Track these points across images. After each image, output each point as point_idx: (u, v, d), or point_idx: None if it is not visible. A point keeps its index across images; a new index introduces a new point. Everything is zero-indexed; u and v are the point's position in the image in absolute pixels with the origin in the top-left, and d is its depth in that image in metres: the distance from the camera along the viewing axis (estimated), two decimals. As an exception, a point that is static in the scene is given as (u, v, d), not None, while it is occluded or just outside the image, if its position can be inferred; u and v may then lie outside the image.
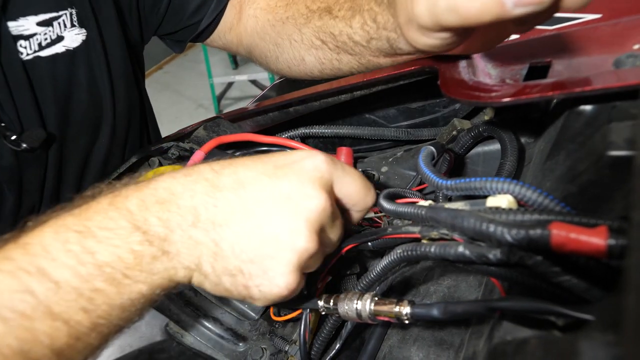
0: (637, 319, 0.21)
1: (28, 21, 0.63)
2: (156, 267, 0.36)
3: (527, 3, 0.34)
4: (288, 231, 0.37)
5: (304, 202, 0.38)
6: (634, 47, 0.41)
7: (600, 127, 0.37)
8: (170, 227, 0.37)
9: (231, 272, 0.37)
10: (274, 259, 0.37)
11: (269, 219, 0.37)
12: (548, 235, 0.30)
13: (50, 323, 0.33)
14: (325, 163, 0.40)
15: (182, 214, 0.37)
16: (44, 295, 0.33)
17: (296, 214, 0.37)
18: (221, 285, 0.38)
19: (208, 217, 0.37)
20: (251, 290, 0.38)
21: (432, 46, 0.46)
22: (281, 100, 0.68)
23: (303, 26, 0.67)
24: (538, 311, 0.32)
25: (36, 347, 0.32)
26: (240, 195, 0.38)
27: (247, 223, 0.37)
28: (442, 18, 0.39)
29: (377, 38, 0.56)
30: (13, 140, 0.63)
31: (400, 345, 0.52)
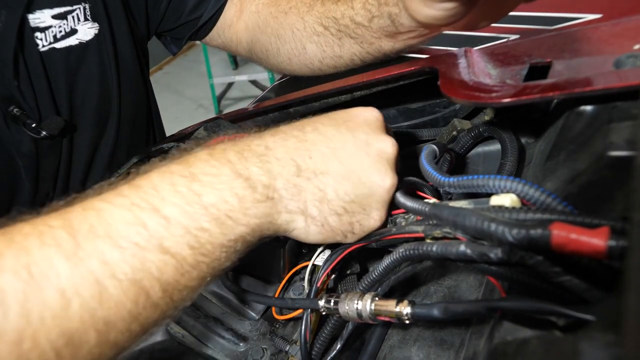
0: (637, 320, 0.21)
1: (44, 14, 0.66)
2: (259, 211, 0.39)
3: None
4: (377, 172, 0.43)
5: (380, 145, 0.44)
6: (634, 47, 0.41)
7: (601, 127, 0.37)
8: (273, 176, 0.40)
9: (337, 212, 0.42)
10: (370, 196, 0.43)
11: (359, 164, 0.43)
12: (549, 236, 0.30)
13: (160, 256, 0.34)
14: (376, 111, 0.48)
15: (282, 165, 0.41)
16: (155, 229, 0.35)
17: (378, 157, 0.44)
18: (327, 226, 0.42)
19: (308, 167, 0.42)
20: (354, 226, 0.43)
21: (434, 18, 0.46)
22: (281, 101, 0.68)
23: (306, 14, 0.67)
24: (538, 311, 0.32)
25: (147, 277, 0.34)
26: (330, 147, 0.43)
27: (342, 169, 0.42)
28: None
29: (379, 15, 0.57)
30: (33, 127, 0.65)
31: (400, 345, 0.52)
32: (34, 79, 0.66)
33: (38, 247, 0.32)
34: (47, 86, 0.68)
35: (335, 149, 0.43)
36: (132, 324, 0.34)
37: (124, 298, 0.33)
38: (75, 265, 0.32)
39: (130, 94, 0.80)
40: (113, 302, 0.32)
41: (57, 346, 0.30)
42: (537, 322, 0.33)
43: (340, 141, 0.43)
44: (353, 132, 0.44)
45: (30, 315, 0.29)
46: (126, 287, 0.33)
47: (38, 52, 0.66)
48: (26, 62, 0.64)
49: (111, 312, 0.32)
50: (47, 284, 0.30)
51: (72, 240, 0.32)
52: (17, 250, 0.31)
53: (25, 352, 0.29)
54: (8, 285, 0.29)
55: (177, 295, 0.36)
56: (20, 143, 0.67)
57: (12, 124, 0.65)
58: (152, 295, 0.34)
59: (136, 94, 0.83)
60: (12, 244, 0.32)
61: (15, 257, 0.31)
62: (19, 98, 0.64)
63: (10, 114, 0.64)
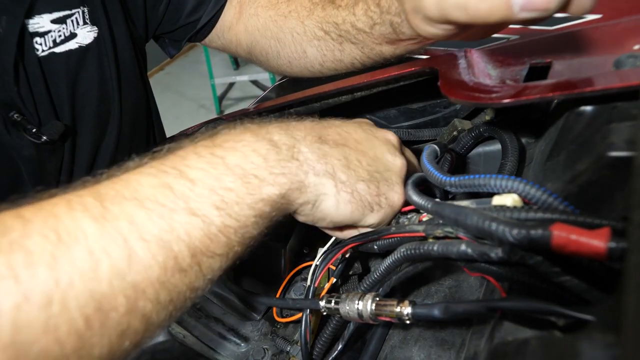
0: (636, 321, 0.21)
1: (43, 19, 0.66)
2: (286, 170, 0.39)
3: (532, 9, 0.35)
4: (388, 152, 0.46)
5: (383, 134, 0.49)
6: (634, 47, 0.41)
7: (601, 127, 0.37)
8: (297, 138, 0.41)
9: (365, 179, 0.43)
10: (389, 170, 0.45)
11: (371, 145, 0.46)
12: (549, 236, 0.30)
13: (187, 218, 0.34)
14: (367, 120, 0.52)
15: (305, 132, 0.42)
16: (181, 191, 0.35)
17: (386, 141, 0.48)
18: (356, 194, 0.42)
19: (329, 138, 0.44)
20: (380, 199, 0.44)
21: (435, 35, 0.47)
22: (282, 102, 0.68)
23: (306, 18, 0.67)
24: (538, 311, 0.32)
25: (175, 240, 0.33)
26: (344, 131, 0.46)
27: (360, 146, 0.45)
28: (450, 13, 0.39)
29: (381, 23, 0.57)
30: (34, 132, 0.65)
31: (401, 345, 0.52)
32: (33, 84, 0.66)
33: (66, 211, 0.32)
34: (47, 91, 0.68)
35: (349, 132, 0.46)
36: (161, 292, 0.33)
37: (152, 262, 0.32)
38: (103, 226, 0.31)
39: (130, 96, 0.80)
40: (142, 265, 0.32)
41: (86, 312, 0.29)
42: (537, 322, 0.33)
43: (350, 128, 0.47)
44: (358, 124, 0.49)
45: (59, 278, 0.29)
46: (154, 249, 0.32)
47: (37, 57, 0.66)
48: (25, 68, 0.64)
49: (140, 277, 0.31)
50: (76, 245, 0.30)
51: (99, 204, 0.33)
52: (45, 216, 0.31)
53: (54, 315, 0.28)
54: (36, 247, 0.29)
55: (205, 263, 0.35)
56: (21, 148, 0.67)
57: (13, 129, 0.66)
58: (181, 261, 0.33)
59: (136, 96, 0.83)
60: (40, 211, 0.32)
61: (43, 221, 0.31)
62: (19, 104, 0.64)
63: (11, 120, 0.64)
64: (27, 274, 0.28)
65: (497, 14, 0.36)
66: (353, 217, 0.43)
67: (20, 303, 0.28)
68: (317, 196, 0.41)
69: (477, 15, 0.37)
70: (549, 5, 0.34)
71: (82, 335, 0.29)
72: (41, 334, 0.28)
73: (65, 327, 0.29)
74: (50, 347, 0.28)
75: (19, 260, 0.28)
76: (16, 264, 0.28)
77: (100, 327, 0.30)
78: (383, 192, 0.44)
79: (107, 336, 0.31)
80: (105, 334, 0.30)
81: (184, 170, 0.36)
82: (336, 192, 0.42)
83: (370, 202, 0.43)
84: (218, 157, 0.37)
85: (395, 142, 0.49)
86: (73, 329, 0.29)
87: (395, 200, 0.45)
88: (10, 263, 0.28)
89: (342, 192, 0.42)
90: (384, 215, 0.45)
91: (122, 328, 0.31)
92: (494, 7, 0.36)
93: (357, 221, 0.44)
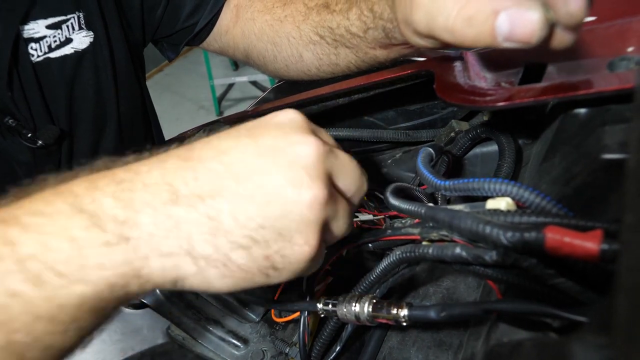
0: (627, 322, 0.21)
1: (38, 24, 0.66)
2: (110, 259, 0.29)
3: (515, 40, 0.35)
4: (289, 185, 0.32)
5: (294, 149, 0.33)
6: (627, 49, 0.41)
7: (595, 130, 0.37)
8: (134, 207, 0.30)
9: (242, 244, 0.32)
10: (285, 217, 0.33)
11: (265, 177, 0.33)
12: (543, 239, 0.31)
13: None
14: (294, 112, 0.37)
15: (152, 192, 0.31)
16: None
17: (291, 164, 0.33)
18: (233, 265, 0.32)
19: (191, 192, 0.32)
20: (273, 259, 0.33)
21: (425, 46, 0.47)
22: (280, 104, 0.68)
23: (301, 23, 0.68)
24: (533, 313, 0.33)
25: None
26: (224, 162, 0.33)
27: (242, 188, 0.32)
28: (438, 34, 0.40)
29: (374, 27, 0.57)
30: (29, 137, 0.66)
31: (399, 346, 0.53)
32: (27, 90, 0.66)
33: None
34: (41, 96, 0.68)
35: (231, 163, 0.33)
36: None
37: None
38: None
39: (127, 100, 0.81)
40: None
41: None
42: (532, 324, 0.34)
43: (238, 152, 0.33)
44: (256, 139, 0.34)
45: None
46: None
47: (31, 62, 0.66)
48: (19, 73, 0.65)
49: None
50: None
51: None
52: None
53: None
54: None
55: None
56: (17, 153, 0.68)
57: (8, 134, 0.66)
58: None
59: (133, 100, 0.84)
60: None
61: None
62: (13, 109, 0.65)
63: (6, 125, 0.65)
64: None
65: (483, 41, 0.37)
66: (241, 287, 0.34)
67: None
68: (173, 279, 0.32)
69: (463, 40, 0.38)
70: (530, 39, 0.35)
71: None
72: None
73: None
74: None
75: None
76: None
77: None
78: (276, 250, 0.33)
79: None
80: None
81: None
82: (198, 271, 0.32)
83: (259, 267, 0.33)
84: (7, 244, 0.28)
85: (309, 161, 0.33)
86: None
87: (297, 254, 0.33)
88: None
89: (210, 269, 0.32)
90: (288, 273, 0.35)
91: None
92: (480, 35, 0.36)
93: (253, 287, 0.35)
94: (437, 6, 0.38)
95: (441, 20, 0.38)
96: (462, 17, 0.36)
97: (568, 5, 0.34)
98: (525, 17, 0.34)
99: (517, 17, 0.34)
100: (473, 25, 0.36)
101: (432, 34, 0.40)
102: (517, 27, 0.35)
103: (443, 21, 0.38)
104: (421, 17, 0.40)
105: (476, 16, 0.36)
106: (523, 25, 0.34)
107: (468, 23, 0.36)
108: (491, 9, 0.35)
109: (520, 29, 0.35)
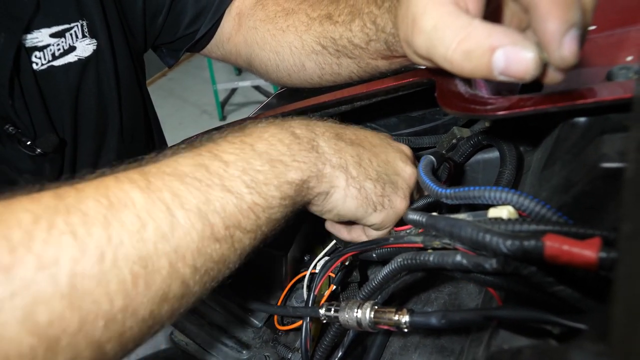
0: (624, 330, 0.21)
1: (42, 33, 0.67)
2: (307, 158, 0.43)
3: (510, 75, 0.37)
4: (399, 160, 0.50)
5: (397, 144, 0.53)
6: (627, 59, 0.42)
7: (594, 138, 0.38)
8: (316, 133, 0.46)
9: (372, 178, 0.46)
10: (397, 175, 0.49)
11: (384, 150, 0.50)
12: (542, 247, 0.31)
13: (222, 194, 0.37)
14: None
15: (324, 129, 0.47)
16: (216, 170, 0.38)
17: (398, 150, 0.52)
18: (363, 190, 0.46)
19: (346, 137, 0.48)
20: (384, 200, 0.47)
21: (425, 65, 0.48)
22: (282, 111, 0.69)
23: (304, 33, 0.68)
24: (533, 320, 0.33)
25: (211, 212, 0.36)
26: (360, 133, 0.50)
27: (373, 149, 0.49)
28: (437, 61, 0.41)
29: (376, 40, 0.58)
30: (28, 145, 0.67)
31: (401, 352, 0.53)
32: (29, 98, 0.67)
33: (115, 184, 0.35)
34: (43, 104, 0.69)
35: (365, 135, 0.51)
36: (199, 259, 0.36)
37: (191, 229, 0.35)
38: (148, 195, 0.35)
39: (129, 106, 0.82)
40: (182, 231, 0.35)
41: (134, 270, 0.32)
42: (532, 331, 0.34)
43: (367, 133, 0.51)
44: (375, 132, 0.53)
45: (111, 236, 0.32)
46: (193, 218, 0.35)
47: (33, 71, 0.67)
48: (21, 82, 0.65)
49: (181, 242, 0.34)
50: (125, 209, 0.33)
51: (144, 178, 0.36)
52: (95, 186, 0.34)
53: (106, 270, 0.31)
54: (90, 210, 0.32)
55: (237, 237, 0.38)
56: (18, 160, 0.68)
57: (8, 142, 0.67)
58: (216, 232, 0.36)
59: (135, 106, 0.84)
60: (91, 183, 0.35)
61: (95, 190, 0.34)
62: (13, 117, 0.65)
63: (6, 133, 0.66)
64: (83, 231, 0.31)
65: (479, 74, 0.38)
66: (357, 213, 0.46)
67: (78, 256, 0.30)
68: (330, 187, 0.45)
69: (461, 72, 0.39)
70: (524, 76, 0.36)
71: (129, 293, 0.32)
72: (95, 286, 0.30)
73: (115, 283, 0.31)
74: (101, 301, 0.31)
75: (75, 220, 0.31)
76: (74, 222, 0.31)
77: (145, 287, 0.33)
78: (388, 193, 0.47)
79: (150, 297, 0.33)
80: (149, 295, 0.33)
81: (217, 154, 0.40)
82: (346, 186, 0.45)
83: (375, 201, 0.46)
84: (247, 144, 0.41)
85: (408, 153, 0.53)
86: (122, 286, 0.31)
87: (398, 204, 0.48)
88: (69, 221, 0.31)
89: (351, 187, 0.45)
90: (385, 216, 0.47)
91: (164, 291, 0.34)
92: (477, 68, 0.38)
93: (360, 218, 0.47)
94: (438, 36, 0.39)
95: (441, 50, 0.39)
96: (461, 51, 0.38)
97: (561, 50, 0.35)
98: (520, 56, 0.36)
99: (513, 55, 0.36)
100: (471, 60, 0.37)
101: (431, 60, 0.42)
102: (512, 64, 0.36)
103: (442, 52, 0.39)
104: (422, 42, 0.41)
105: (474, 51, 0.37)
106: (518, 63, 0.36)
107: (466, 57, 0.38)
108: (489, 45, 0.36)
109: (515, 66, 0.36)
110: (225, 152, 0.40)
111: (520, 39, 0.36)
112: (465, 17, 0.38)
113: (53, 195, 0.33)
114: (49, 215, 0.31)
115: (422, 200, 0.51)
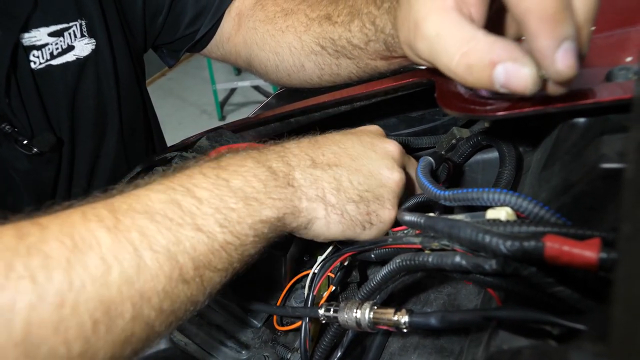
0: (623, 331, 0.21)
1: (40, 32, 0.67)
2: (282, 196, 0.42)
3: (511, 89, 0.37)
4: (385, 167, 0.48)
5: (385, 145, 0.50)
6: (626, 59, 0.42)
7: (593, 139, 0.38)
8: (291, 166, 0.45)
9: (354, 200, 0.45)
10: (382, 187, 0.47)
11: (368, 159, 0.48)
12: (542, 248, 0.31)
13: (193, 233, 0.36)
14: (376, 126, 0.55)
15: (299, 158, 0.46)
16: (188, 208, 0.37)
17: (384, 154, 0.49)
18: (346, 215, 0.45)
19: (322, 161, 0.46)
20: (371, 217, 0.46)
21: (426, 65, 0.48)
22: (282, 111, 0.69)
23: (303, 34, 0.68)
24: (533, 320, 0.33)
25: (181, 252, 0.35)
26: (340, 147, 0.48)
27: (354, 164, 0.47)
28: (439, 67, 0.41)
29: (375, 40, 0.58)
30: (25, 144, 0.66)
31: (401, 352, 0.53)
32: (26, 97, 0.67)
33: (81, 220, 0.33)
34: (41, 103, 0.69)
35: (345, 147, 0.48)
36: (165, 301, 0.35)
37: (159, 271, 0.34)
38: (115, 235, 0.33)
39: (128, 106, 0.81)
40: (149, 274, 0.33)
41: (95, 316, 0.31)
42: (532, 331, 0.34)
43: (348, 142, 0.49)
44: (359, 137, 0.50)
45: (73, 281, 0.31)
46: (162, 260, 0.34)
47: (31, 69, 0.66)
48: (18, 80, 0.65)
49: (147, 285, 0.33)
50: (90, 251, 0.32)
51: (113, 216, 0.34)
52: (61, 224, 0.33)
53: (65, 317, 0.30)
54: (53, 251, 0.31)
55: (207, 277, 0.37)
56: (15, 159, 0.68)
57: (4, 141, 0.67)
58: (185, 273, 0.35)
59: (134, 106, 0.84)
60: (57, 219, 0.34)
61: (59, 228, 0.32)
62: (10, 116, 0.65)
63: (2, 131, 0.65)
64: (43, 276, 0.30)
65: (481, 86, 0.39)
66: (345, 234, 0.46)
67: (35, 303, 0.29)
68: (308, 219, 0.44)
69: (464, 82, 0.40)
70: (524, 90, 0.37)
71: (89, 339, 0.31)
72: (51, 334, 0.29)
73: (74, 330, 0.30)
74: (58, 349, 0.30)
75: (36, 263, 0.30)
76: (33, 266, 0.30)
77: (106, 332, 0.31)
78: (374, 209, 0.46)
79: (111, 342, 0.32)
80: (110, 339, 0.32)
81: (191, 189, 0.38)
82: (326, 215, 0.44)
83: (362, 220, 0.46)
84: (222, 180, 0.40)
85: (395, 155, 0.51)
86: (81, 332, 0.30)
87: (386, 217, 0.47)
88: (28, 265, 0.30)
89: (332, 214, 0.45)
90: (377, 231, 0.47)
91: (126, 335, 0.33)
92: (479, 81, 0.38)
93: (350, 237, 0.47)
94: (441, 45, 0.39)
95: (444, 59, 0.40)
96: (463, 64, 0.38)
97: (555, 65, 0.35)
98: (519, 72, 0.36)
99: (513, 71, 0.36)
100: (472, 73, 0.38)
101: (433, 64, 0.42)
102: (512, 79, 0.37)
103: (445, 62, 0.39)
104: (424, 48, 0.41)
105: (476, 65, 0.38)
106: (517, 78, 0.36)
107: (468, 70, 0.38)
108: (489, 60, 0.37)
109: (514, 81, 0.37)
110: (199, 187, 0.39)
111: (520, 55, 0.36)
112: (469, 27, 0.38)
113: (14, 234, 0.31)
114: (8, 257, 0.30)
115: (412, 200, 0.51)
